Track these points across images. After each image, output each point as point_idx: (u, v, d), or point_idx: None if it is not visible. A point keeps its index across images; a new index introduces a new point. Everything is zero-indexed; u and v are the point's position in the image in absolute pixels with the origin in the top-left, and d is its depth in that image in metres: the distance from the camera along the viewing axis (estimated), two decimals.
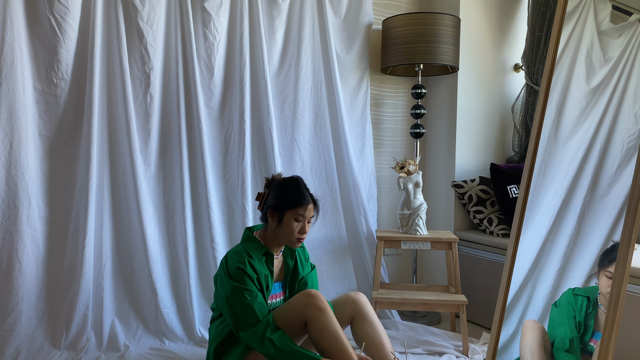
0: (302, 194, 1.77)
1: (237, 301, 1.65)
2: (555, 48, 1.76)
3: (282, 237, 1.79)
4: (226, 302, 1.68)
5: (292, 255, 1.90)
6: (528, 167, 1.79)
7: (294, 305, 1.68)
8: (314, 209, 1.81)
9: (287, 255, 1.89)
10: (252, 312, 1.64)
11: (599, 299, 1.55)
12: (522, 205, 1.79)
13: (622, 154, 1.60)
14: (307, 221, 1.78)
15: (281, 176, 1.88)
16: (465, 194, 2.79)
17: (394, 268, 3.04)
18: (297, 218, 1.76)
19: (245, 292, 1.66)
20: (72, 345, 2.14)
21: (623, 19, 1.74)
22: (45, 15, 2.11)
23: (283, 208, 1.76)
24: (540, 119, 1.78)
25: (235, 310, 1.66)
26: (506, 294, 1.79)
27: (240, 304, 1.65)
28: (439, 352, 2.24)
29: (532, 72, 2.85)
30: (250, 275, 1.70)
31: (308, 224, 1.79)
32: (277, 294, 1.85)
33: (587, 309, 1.57)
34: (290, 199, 1.76)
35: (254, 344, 1.63)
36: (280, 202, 1.77)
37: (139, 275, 2.32)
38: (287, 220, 1.76)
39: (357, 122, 2.77)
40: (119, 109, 2.28)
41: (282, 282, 1.87)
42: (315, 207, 1.81)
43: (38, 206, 2.16)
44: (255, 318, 1.64)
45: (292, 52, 2.62)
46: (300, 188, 1.80)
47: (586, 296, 1.59)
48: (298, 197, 1.77)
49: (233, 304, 1.66)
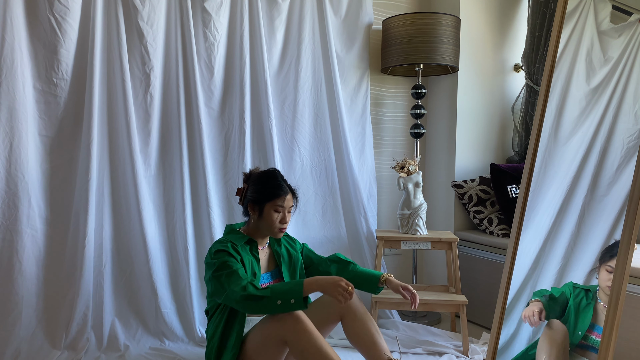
0: (279, 185, 1.82)
1: (220, 272, 1.67)
2: (555, 48, 1.76)
3: (264, 228, 1.83)
4: (213, 278, 1.69)
5: (279, 242, 1.95)
6: (528, 167, 1.79)
7: (271, 326, 1.65)
8: (292, 198, 1.85)
9: (274, 245, 1.93)
10: (236, 276, 1.65)
11: (598, 294, 1.56)
12: (522, 205, 1.79)
13: (622, 154, 1.60)
14: (287, 211, 1.82)
15: (258, 170, 1.92)
16: (465, 194, 2.79)
17: (394, 268, 3.04)
18: (276, 209, 1.80)
19: (229, 262, 1.68)
20: (72, 345, 2.14)
21: (623, 19, 1.74)
22: (45, 15, 2.11)
23: (262, 201, 1.81)
24: (540, 119, 1.78)
25: (220, 281, 1.66)
26: (506, 294, 1.79)
27: (225, 273, 1.66)
28: (439, 352, 2.24)
29: (532, 72, 2.85)
30: (232, 254, 1.72)
31: (289, 214, 1.84)
32: (273, 282, 1.87)
33: (584, 299, 1.59)
34: (268, 191, 1.81)
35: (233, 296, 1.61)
36: (259, 195, 1.81)
37: (139, 275, 2.32)
38: (267, 212, 1.80)
39: (357, 122, 2.77)
40: (119, 109, 2.28)
41: (273, 271, 1.90)
42: (293, 196, 1.86)
43: (38, 206, 2.15)
44: (240, 280, 1.64)
45: (292, 52, 2.62)
46: (278, 180, 1.84)
47: (586, 289, 1.61)
48: (275, 188, 1.81)
49: (217, 276, 1.67)
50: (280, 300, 1.58)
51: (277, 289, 1.60)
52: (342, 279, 1.60)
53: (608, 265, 1.53)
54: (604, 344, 1.43)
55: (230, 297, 1.62)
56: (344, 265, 1.94)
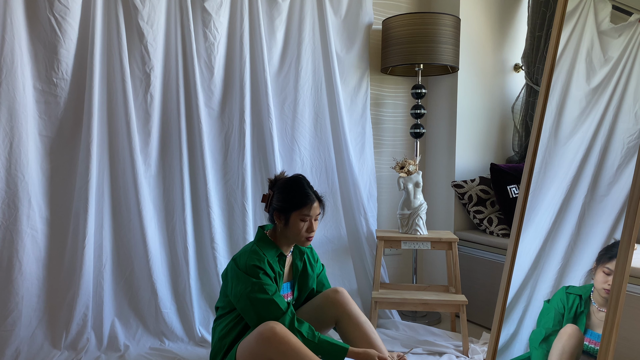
0: (306, 194, 1.76)
1: (258, 297, 1.64)
2: (555, 48, 1.76)
3: (291, 237, 1.79)
4: (247, 299, 1.66)
5: (301, 256, 1.90)
6: (528, 167, 1.79)
7: (256, 346, 1.60)
8: (319, 206, 1.80)
9: (296, 256, 1.89)
10: (275, 305, 1.64)
11: (592, 297, 1.55)
12: (522, 205, 1.79)
13: (622, 154, 1.60)
14: (314, 219, 1.78)
15: (284, 175, 1.87)
16: (465, 194, 2.79)
17: (394, 268, 3.04)
18: (303, 218, 1.75)
19: (266, 286, 1.66)
20: (72, 345, 2.14)
21: (623, 19, 1.74)
22: (45, 15, 2.11)
23: (288, 210, 1.76)
24: (540, 119, 1.78)
25: (257, 307, 1.65)
26: (506, 294, 1.79)
27: (262, 299, 1.64)
28: (439, 352, 2.24)
29: (532, 72, 2.85)
30: (268, 274, 1.70)
31: (315, 222, 1.79)
32: (286, 295, 1.85)
33: (579, 307, 1.58)
34: (295, 200, 1.76)
35: None
36: (285, 204, 1.77)
37: (139, 275, 2.32)
38: (294, 221, 1.75)
39: (357, 122, 2.77)
40: (119, 108, 2.28)
41: (290, 282, 1.88)
42: (320, 204, 1.81)
43: (38, 206, 2.15)
44: (278, 311, 1.64)
45: (292, 52, 2.62)
46: (304, 187, 1.79)
47: (579, 294, 1.60)
48: (302, 197, 1.76)
49: (254, 301, 1.65)
50: (321, 357, 1.60)
51: (322, 346, 1.60)
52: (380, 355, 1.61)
53: (606, 267, 1.52)
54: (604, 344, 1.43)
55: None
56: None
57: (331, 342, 1.63)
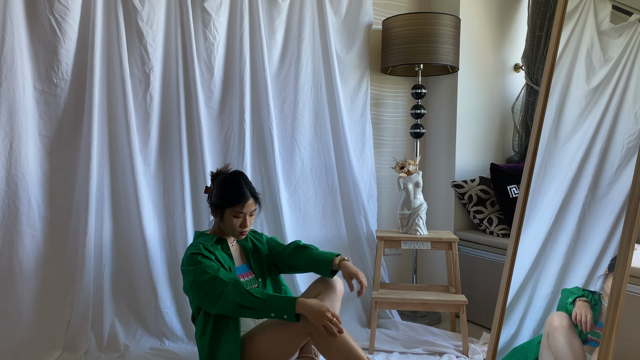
0: (240, 192, 1.82)
1: (202, 279, 1.67)
2: (555, 48, 1.76)
3: (227, 231, 1.86)
4: (195, 287, 1.69)
5: (245, 238, 1.98)
6: (528, 167, 1.79)
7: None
8: (254, 203, 1.86)
9: (241, 241, 1.97)
10: (219, 281, 1.66)
11: (602, 297, 1.56)
12: (522, 205, 1.79)
13: (622, 154, 1.60)
14: (248, 215, 1.84)
15: (227, 169, 1.94)
16: (465, 194, 2.79)
17: (394, 268, 3.04)
18: (236, 215, 1.82)
19: (206, 268, 1.69)
20: (72, 345, 2.14)
21: (623, 19, 1.74)
22: (45, 15, 2.11)
23: (223, 206, 1.83)
24: (540, 119, 1.78)
25: (204, 290, 1.67)
26: (506, 294, 1.79)
27: (206, 280, 1.67)
28: (439, 352, 2.24)
29: (532, 72, 2.85)
30: (206, 256, 1.74)
31: (251, 217, 1.85)
32: (245, 273, 1.90)
33: (593, 300, 1.59)
34: (229, 197, 1.82)
35: (229, 306, 1.63)
36: (220, 201, 1.84)
37: (139, 275, 2.32)
38: (228, 217, 1.83)
39: (357, 122, 2.77)
40: (119, 109, 2.28)
41: (247, 263, 1.94)
42: (256, 201, 1.87)
43: (38, 206, 2.15)
44: (224, 285, 1.66)
45: (292, 52, 2.62)
46: (239, 185, 1.84)
47: (591, 291, 1.61)
48: (236, 195, 1.82)
49: (200, 285, 1.68)
50: (274, 314, 1.62)
51: (271, 302, 1.62)
52: (327, 309, 1.60)
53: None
54: (604, 344, 1.43)
55: (223, 307, 1.63)
56: (299, 251, 1.95)
57: (280, 296, 1.65)
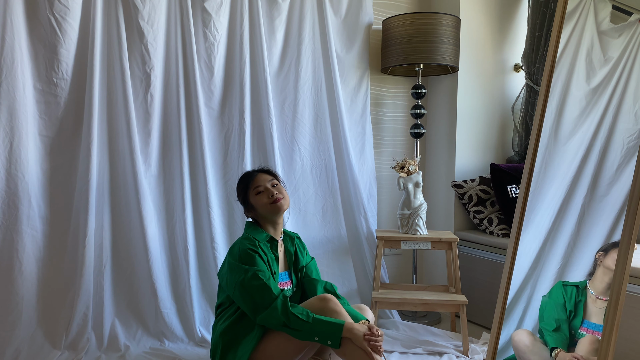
0: (247, 174, 1.90)
1: (252, 284, 1.67)
2: (555, 48, 1.76)
3: (265, 213, 1.85)
4: (241, 286, 1.68)
5: (292, 242, 1.97)
6: (528, 167, 1.79)
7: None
8: (268, 174, 1.89)
9: (287, 243, 1.95)
10: (268, 291, 1.66)
11: (589, 286, 1.56)
12: (522, 205, 1.79)
13: (622, 154, 1.60)
14: (270, 185, 1.85)
15: None
16: (465, 194, 2.79)
17: (394, 268, 3.04)
18: (257, 191, 1.84)
19: (259, 273, 1.69)
20: (72, 346, 2.14)
21: (623, 19, 1.74)
22: (45, 15, 2.10)
23: (245, 195, 1.88)
24: (540, 119, 1.78)
25: (251, 293, 1.67)
26: (506, 294, 1.79)
27: (256, 285, 1.66)
28: (439, 352, 2.24)
29: (532, 72, 2.85)
30: (261, 256, 1.74)
31: (274, 187, 1.86)
32: (285, 282, 1.88)
33: (577, 296, 1.60)
34: (242, 185, 1.89)
35: (274, 321, 1.63)
36: (241, 194, 1.89)
37: (139, 275, 2.32)
38: (254, 200, 1.85)
39: (357, 122, 2.77)
40: (119, 108, 2.28)
41: (288, 271, 1.92)
42: (268, 173, 1.90)
43: (38, 206, 2.15)
44: (272, 296, 1.65)
45: (292, 52, 2.62)
46: (246, 172, 1.94)
47: (575, 285, 1.62)
48: (245, 178, 1.89)
49: (249, 288, 1.67)
50: (318, 338, 1.60)
51: (317, 327, 1.59)
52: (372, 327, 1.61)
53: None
54: (604, 343, 1.43)
55: (266, 320, 1.63)
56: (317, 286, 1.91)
57: (326, 320, 1.61)
